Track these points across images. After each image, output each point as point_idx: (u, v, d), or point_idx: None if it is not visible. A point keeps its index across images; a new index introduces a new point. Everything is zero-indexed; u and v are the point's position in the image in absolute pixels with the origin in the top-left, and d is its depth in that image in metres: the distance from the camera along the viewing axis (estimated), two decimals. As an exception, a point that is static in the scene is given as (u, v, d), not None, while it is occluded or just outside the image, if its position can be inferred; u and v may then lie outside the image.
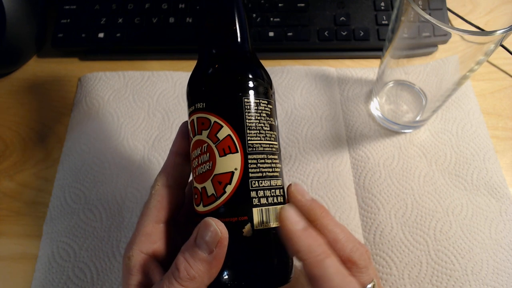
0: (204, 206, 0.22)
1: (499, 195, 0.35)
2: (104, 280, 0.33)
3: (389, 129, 0.39)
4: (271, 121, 0.23)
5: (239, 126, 0.22)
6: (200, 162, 0.22)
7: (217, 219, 0.21)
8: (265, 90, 0.23)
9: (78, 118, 0.41)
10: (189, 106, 0.24)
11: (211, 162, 0.22)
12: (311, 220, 0.23)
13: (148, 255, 0.23)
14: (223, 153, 0.22)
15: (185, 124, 0.25)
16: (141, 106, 0.41)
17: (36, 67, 0.46)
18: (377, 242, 0.33)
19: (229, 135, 0.22)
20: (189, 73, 0.43)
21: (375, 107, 0.40)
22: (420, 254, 0.32)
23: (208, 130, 0.22)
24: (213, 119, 0.22)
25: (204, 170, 0.22)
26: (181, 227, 0.26)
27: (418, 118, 0.38)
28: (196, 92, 0.23)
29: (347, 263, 0.22)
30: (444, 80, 0.33)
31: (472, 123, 0.39)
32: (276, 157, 0.23)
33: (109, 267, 0.33)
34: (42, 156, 0.40)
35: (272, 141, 0.23)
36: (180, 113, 0.41)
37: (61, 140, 0.40)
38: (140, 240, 0.23)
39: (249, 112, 0.22)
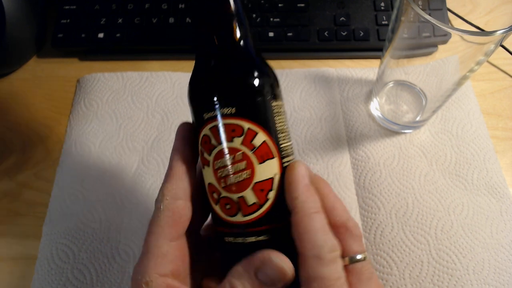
0: (244, 216, 0.21)
1: (499, 195, 0.35)
2: (104, 281, 0.32)
3: (389, 129, 0.39)
4: (287, 122, 0.23)
5: (271, 131, 0.21)
6: (234, 171, 0.21)
7: (281, 254, 0.20)
8: (280, 91, 0.24)
9: (77, 119, 0.41)
10: (208, 111, 0.22)
11: (249, 170, 0.21)
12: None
13: (168, 277, 0.21)
14: (262, 160, 0.21)
15: (185, 127, 0.24)
16: (140, 107, 0.41)
17: (36, 67, 0.46)
18: (377, 242, 0.33)
19: (265, 141, 0.21)
20: (188, 73, 0.43)
21: (375, 107, 0.39)
22: (421, 254, 0.32)
23: (242, 137, 0.21)
24: (246, 125, 0.21)
25: (241, 179, 0.21)
26: (194, 237, 0.25)
27: (418, 118, 0.38)
28: (221, 97, 0.21)
29: (341, 227, 0.22)
30: (444, 80, 0.33)
31: (472, 123, 0.39)
32: (294, 157, 0.23)
33: (108, 268, 0.33)
34: (42, 156, 0.40)
35: (291, 142, 0.23)
36: (179, 114, 0.41)
37: (61, 141, 0.40)
38: (157, 262, 0.21)
39: (277, 116, 0.22)
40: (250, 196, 0.21)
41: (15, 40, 0.42)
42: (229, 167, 0.21)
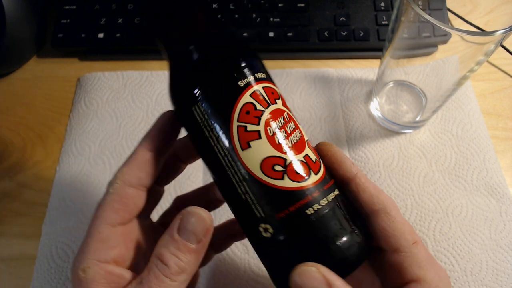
0: (316, 173, 0.19)
1: (499, 196, 0.35)
2: (103, 280, 0.33)
3: (389, 130, 0.39)
4: None
5: None
6: (291, 130, 0.20)
7: (198, 207, 0.20)
8: None
9: (77, 119, 0.41)
10: (243, 77, 0.20)
11: (298, 128, 0.20)
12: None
13: (108, 263, 0.20)
14: (297, 121, 0.21)
15: (167, 117, 0.22)
16: (140, 106, 0.41)
17: (36, 67, 0.46)
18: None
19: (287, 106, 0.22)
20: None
21: (375, 107, 0.39)
22: (420, 255, 0.32)
23: (280, 99, 0.21)
24: (276, 89, 0.21)
25: (298, 138, 0.20)
26: (146, 221, 0.24)
27: (418, 118, 0.38)
28: (254, 63, 0.21)
29: None
30: (444, 80, 0.33)
31: (472, 123, 0.39)
32: None
33: (108, 267, 0.33)
34: (42, 156, 0.40)
35: None
36: (180, 113, 0.41)
37: (61, 140, 0.40)
38: (96, 247, 0.20)
39: None
40: (311, 153, 0.20)
41: (15, 40, 0.42)
42: (287, 127, 0.20)
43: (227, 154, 0.19)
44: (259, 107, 0.19)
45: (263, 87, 0.20)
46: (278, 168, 0.19)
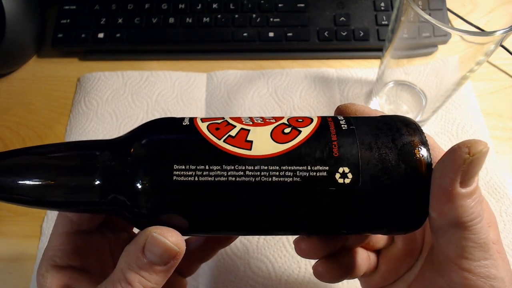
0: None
1: (499, 196, 0.35)
2: (103, 280, 0.33)
3: (389, 130, 0.39)
4: None
5: None
6: (263, 116, 0.20)
7: (165, 229, 0.17)
8: None
9: (77, 118, 0.41)
10: (182, 120, 0.20)
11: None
12: None
13: (66, 268, 0.20)
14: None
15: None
16: (140, 106, 0.41)
17: (36, 67, 0.46)
18: (377, 243, 0.33)
19: None
20: (189, 73, 0.44)
21: (375, 107, 0.39)
22: (420, 255, 0.32)
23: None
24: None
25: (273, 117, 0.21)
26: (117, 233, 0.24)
27: (418, 119, 0.38)
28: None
29: None
30: (444, 81, 0.33)
31: (472, 123, 0.39)
32: None
33: (108, 267, 0.33)
34: (42, 156, 0.40)
35: None
36: (179, 112, 0.41)
37: (61, 140, 0.40)
38: (54, 254, 0.20)
39: None
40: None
41: (15, 40, 0.42)
42: (255, 117, 0.20)
43: (249, 169, 0.17)
44: (220, 121, 0.19)
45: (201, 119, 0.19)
46: (286, 130, 0.18)
